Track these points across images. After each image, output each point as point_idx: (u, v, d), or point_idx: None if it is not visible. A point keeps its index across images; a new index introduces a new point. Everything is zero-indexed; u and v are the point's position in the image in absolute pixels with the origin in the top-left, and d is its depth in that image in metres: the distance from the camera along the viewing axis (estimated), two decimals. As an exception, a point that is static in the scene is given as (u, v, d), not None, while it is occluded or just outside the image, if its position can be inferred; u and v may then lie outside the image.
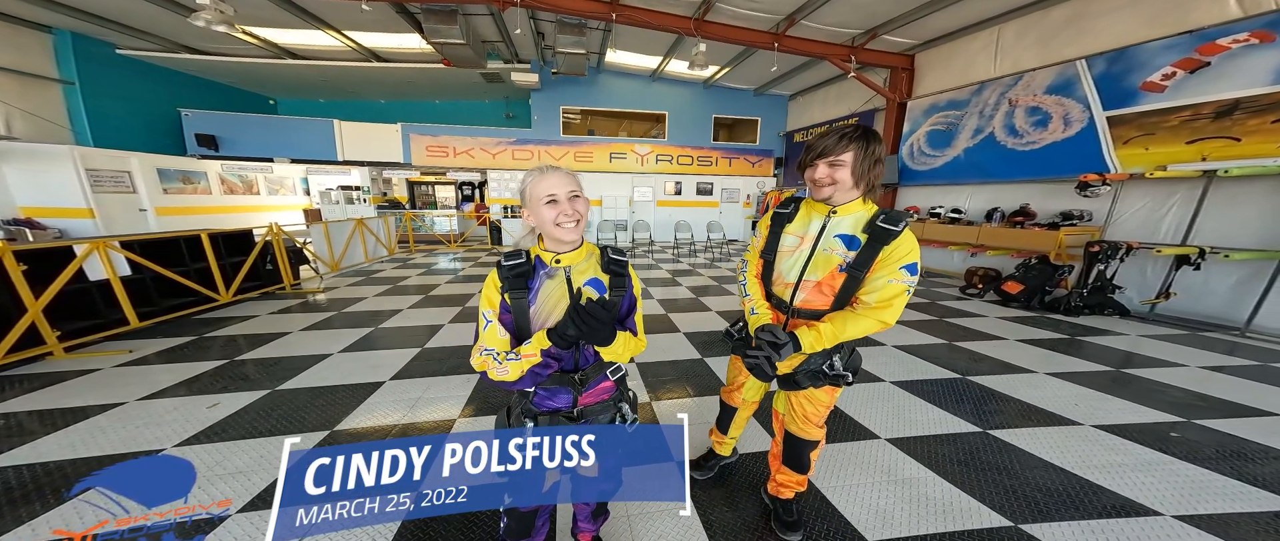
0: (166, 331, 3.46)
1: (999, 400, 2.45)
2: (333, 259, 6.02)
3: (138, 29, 7.00)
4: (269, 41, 7.72)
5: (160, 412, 2.17)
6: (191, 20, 5.19)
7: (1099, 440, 2.04)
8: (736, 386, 1.51)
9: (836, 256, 1.09)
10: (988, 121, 5.87)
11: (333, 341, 3.28)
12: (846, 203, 1.10)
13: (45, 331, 2.84)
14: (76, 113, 7.19)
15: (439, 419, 2.17)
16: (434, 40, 6.59)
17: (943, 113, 6.52)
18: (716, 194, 10.97)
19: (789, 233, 1.20)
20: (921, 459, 1.87)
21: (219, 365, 2.80)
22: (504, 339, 0.92)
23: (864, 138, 1.04)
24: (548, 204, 0.89)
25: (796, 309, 1.18)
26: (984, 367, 2.92)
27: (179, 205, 8.04)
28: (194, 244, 4.08)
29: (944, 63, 6.54)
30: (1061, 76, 4.98)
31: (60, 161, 6.27)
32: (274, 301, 4.48)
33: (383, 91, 10.67)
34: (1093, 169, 4.62)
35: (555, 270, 0.96)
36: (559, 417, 0.99)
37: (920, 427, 2.14)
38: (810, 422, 1.29)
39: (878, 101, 7.64)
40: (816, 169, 1.07)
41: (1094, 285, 4.31)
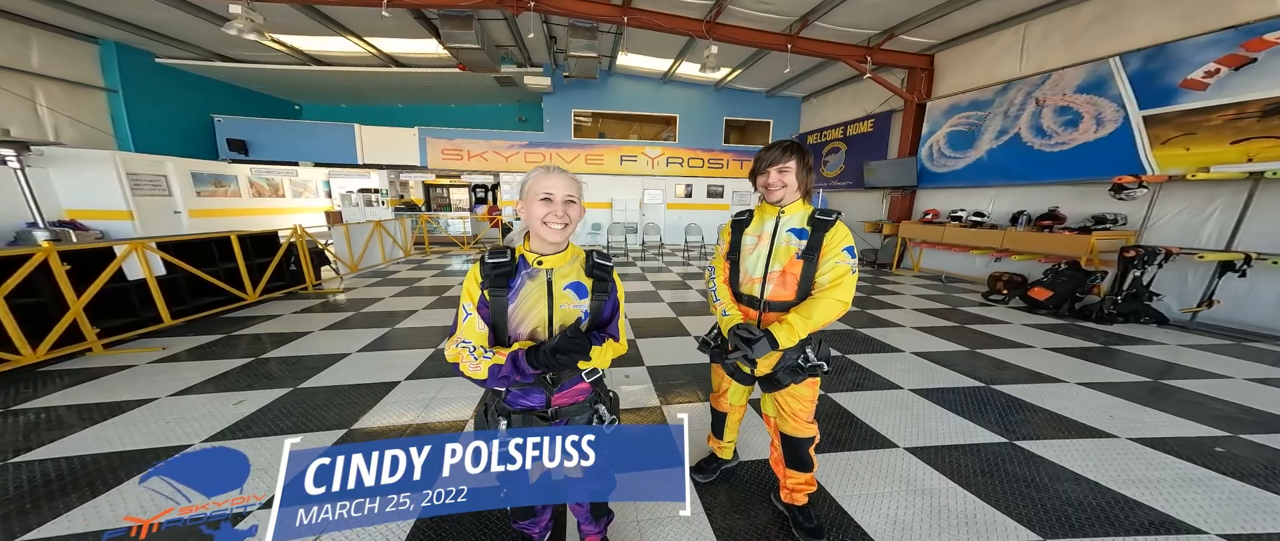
0: (197, 329, 3.60)
1: (1026, 410, 2.35)
2: (352, 260, 6.19)
3: (175, 38, 7.35)
4: (295, 48, 8.01)
5: (189, 409, 2.25)
6: (225, 29, 5.41)
7: (1136, 454, 1.94)
8: (722, 392, 1.58)
9: (792, 246, 1.26)
10: (1013, 122, 5.68)
11: (351, 341, 3.36)
12: (792, 202, 1.29)
13: (86, 329, 2.98)
14: (119, 119, 7.58)
15: (451, 419, 2.19)
16: (450, 45, 6.73)
17: (964, 113, 6.34)
18: (728, 196, 10.90)
19: (748, 234, 1.36)
20: (942, 469, 1.82)
21: (245, 363, 2.90)
22: (482, 333, 0.94)
23: (800, 150, 1.27)
24: (542, 201, 0.91)
25: (767, 301, 1.30)
26: (1009, 376, 2.82)
27: (211, 207, 8.39)
28: (224, 245, 4.25)
29: (966, 62, 6.36)
30: (1093, 75, 4.78)
31: (103, 166, 6.62)
32: (297, 301, 4.63)
33: (401, 96, 10.94)
34: (1128, 170, 4.42)
35: (537, 271, 0.97)
36: (532, 417, 1.01)
37: (941, 437, 2.07)
38: (800, 419, 1.36)
39: (895, 102, 7.48)
40: (769, 176, 1.27)
41: (1129, 292, 4.11)
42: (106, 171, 6.62)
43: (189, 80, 8.60)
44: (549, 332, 0.98)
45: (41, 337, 2.73)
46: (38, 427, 2.01)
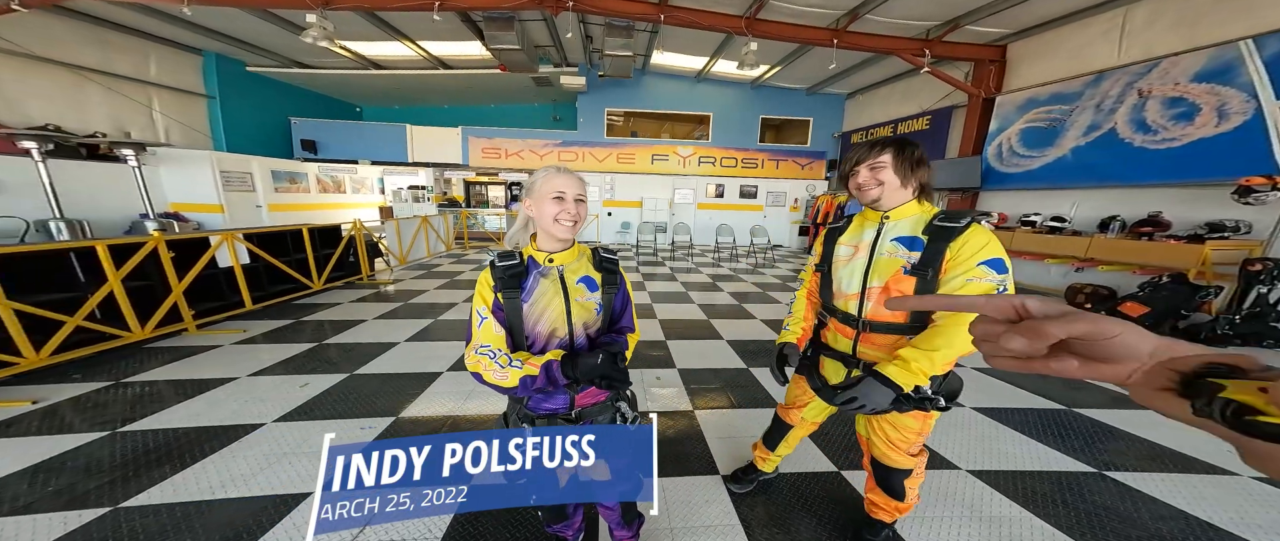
0: (271, 314, 3.97)
1: (1118, 438, 2.10)
2: (401, 253, 6.59)
3: (262, 47, 8.16)
4: (358, 54, 8.63)
5: (263, 389, 2.47)
6: (301, 37, 5.92)
7: (1260, 494, 1.67)
8: (797, 405, 1.44)
9: (898, 258, 1.05)
10: (1107, 116, 5.01)
11: (399, 331, 3.56)
12: (899, 205, 1.08)
13: (184, 311, 3.37)
14: (215, 122, 8.55)
15: (486, 413, 2.26)
16: (493, 46, 6.99)
17: (1044, 107, 5.68)
18: (761, 197, 10.53)
19: (842, 243, 1.19)
20: (1012, 495, 1.65)
21: (309, 348, 3.15)
22: (500, 336, 0.94)
23: (899, 144, 1.07)
24: (554, 200, 0.93)
25: (867, 321, 1.11)
26: (1093, 399, 2.51)
27: (285, 202, 9.24)
28: (296, 237, 4.65)
29: (1046, 52, 5.69)
30: (1216, 61, 4.11)
31: (201, 164, 7.47)
32: (354, 290, 4.99)
33: (446, 97, 11.52)
34: (1259, 170, 3.76)
35: (549, 269, 0.98)
36: (557, 419, 1.01)
37: (1011, 461, 1.88)
38: (896, 449, 1.19)
39: (956, 97, 6.86)
40: (858, 175, 1.09)
41: (1251, 311, 3.51)
42: (204, 169, 7.47)
43: (271, 86, 9.52)
44: (569, 328, 0.98)
45: (148, 317, 3.12)
46: (142, 400, 2.29)
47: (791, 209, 10.63)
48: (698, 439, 2.05)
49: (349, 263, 5.38)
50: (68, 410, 2.16)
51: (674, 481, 1.73)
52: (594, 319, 1.01)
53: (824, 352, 1.27)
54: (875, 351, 1.12)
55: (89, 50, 6.59)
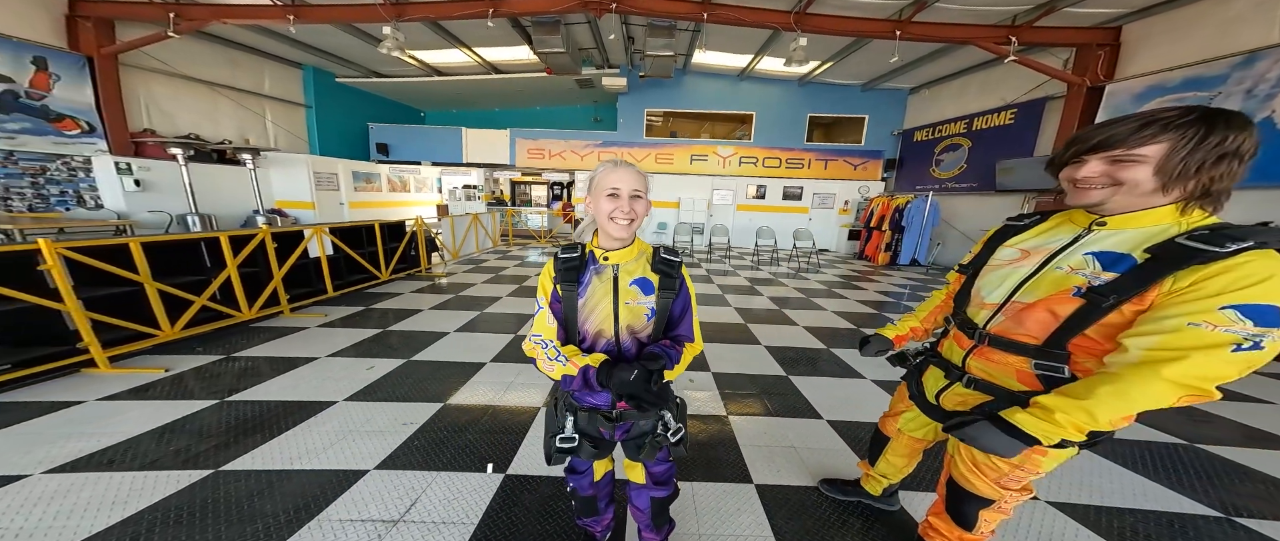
0: (347, 301, 4.44)
1: (1255, 481, 1.76)
2: (454, 248, 7.08)
3: (348, 60, 9.15)
4: (424, 62, 9.36)
5: (337, 370, 2.76)
6: (379, 48, 6.58)
7: None
8: (893, 414, 1.33)
9: (1076, 278, 0.78)
10: (1263, 103, 4.13)
11: (450, 321, 3.83)
12: (1132, 212, 0.76)
13: (282, 295, 3.88)
14: (311, 129, 9.74)
15: (525, 405, 2.35)
16: (540, 50, 7.27)
17: (1174, 95, 4.79)
18: (807, 199, 9.96)
19: (1011, 244, 0.95)
20: (1102, 531, 1.46)
21: (375, 334, 3.48)
22: (552, 327, 0.97)
23: (1194, 124, 0.67)
24: (609, 196, 0.91)
25: (991, 335, 0.91)
26: (1230, 436, 2.14)
27: (362, 200, 10.30)
28: (369, 231, 5.17)
29: (1177, 31, 4.80)
30: None
31: (300, 167, 8.54)
32: (413, 282, 5.44)
33: (497, 100, 12.16)
34: None
35: (603, 267, 0.98)
36: (598, 416, 1.02)
37: (1106, 496, 1.65)
38: (980, 474, 0.97)
39: (1050, 87, 5.99)
40: (1084, 165, 0.77)
41: None
42: (301, 171, 8.54)
43: (354, 94, 10.63)
44: (615, 331, 0.98)
45: (254, 299, 3.64)
46: (246, 374, 2.67)
47: (841, 212, 9.97)
48: (731, 445, 1.99)
49: (410, 256, 5.88)
50: (191, 378, 2.58)
51: (705, 487, 1.70)
52: (643, 324, 0.98)
53: (934, 360, 1.12)
54: (988, 367, 0.93)
55: (221, 68, 7.80)
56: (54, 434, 1.95)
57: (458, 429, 2.12)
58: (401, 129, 11.30)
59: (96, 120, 6.10)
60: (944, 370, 1.05)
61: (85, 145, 6.04)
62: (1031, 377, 0.87)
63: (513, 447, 1.96)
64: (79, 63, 5.86)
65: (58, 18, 5.70)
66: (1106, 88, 5.38)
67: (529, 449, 1.95)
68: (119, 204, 6.20)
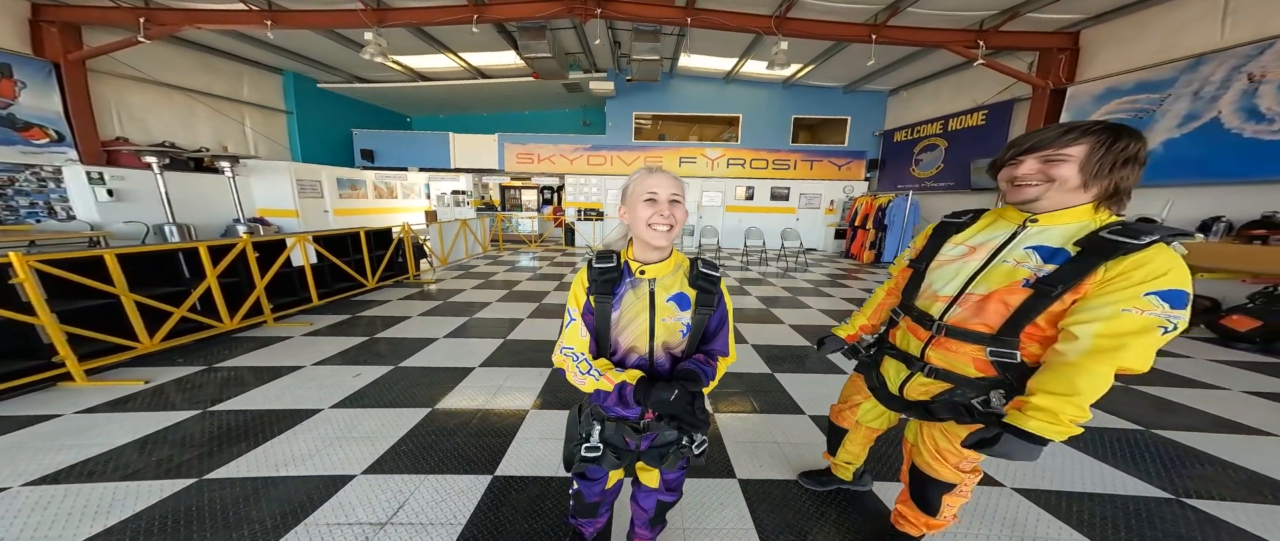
0: (333, 309, 4.40)
1: (1207, 463, 1.88)
2: (443, 254, 7.05)
3: (330, 65, 9.05)
4: (408, 67, 9.31)
5: (323, 378, 2.76)
6: (361, 53, 6.52)
7: None
8: (849, 406, 1.39)
9: (1024, 270, 0.87)
10: (1208, 104, 4.37)
11: (439, 327, 3.83)
12: (1060, 209, 0.86)
13: (264, 304, 3.84)
14: (293, 135, 9.59)
15: (515, 407, 2.38)
16: (526, 55, 7.29)
17: (1128, 97, 5.05)
18: (794, 199, 10.15)
19: (955, 242, 1.03)
20: (1063, 517, 1.53)
21: (362, 341, 3.47)
22: (584, 339, 0.93)
23: (1108, 131, 0.80)
24: (646, 202, 0.87)
25: (947, 326, 0.99)
26: (1179, 420, 2.26)
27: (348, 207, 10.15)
28: (354, 239, 5.13)
29: (1130, 36, 5.06)
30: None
31: (282, 174, 8.40)
32: (401, 289, 5.41)
33: (484, 105, 12.15)
34: None
35: (639, 281, 0.93)
36: (625, 426, 0.99)
37: (1067, 482, 1.74)
38: (942, 460, 1.07)
39: (1016, 90, 6.25)
40: (1021, 164, 0.87)
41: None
42: (283, 179, 8.40)
43: (337, 101, 10.51)
44: (650, 348, 0.94)
45: (236, 310, 3.59)
46: (229, 384, 2.64)
47: (827, 212, 10.18)
48: (715, 441, 2.05)
49: (397, 263, 5.84)
50: (172, 390, 2.55)
51: (690, 482, 1.74)
52: (679, 340, 0.95)
53: (888, 351, 1.17)
54: (946, 357, 1.01)
55: (196, 74, 7.65)
56: (33, 447, 1.92)
57: (446, 433, 2.14)
58: (387, 135, 11.20)
59: (65, 128, 5.94)
60: (904, 362, 1.11)
61: (55, 155, 5.88)
62: (986, 364, 0.95)
63: (501, 450, 1.99)
64: (45, 69, 5.70)
65: (21, 22, 5.54)
66: (1068, 90, 5.64)
67: (517, 450, 1.98)
68: (92, 215, 6.03)
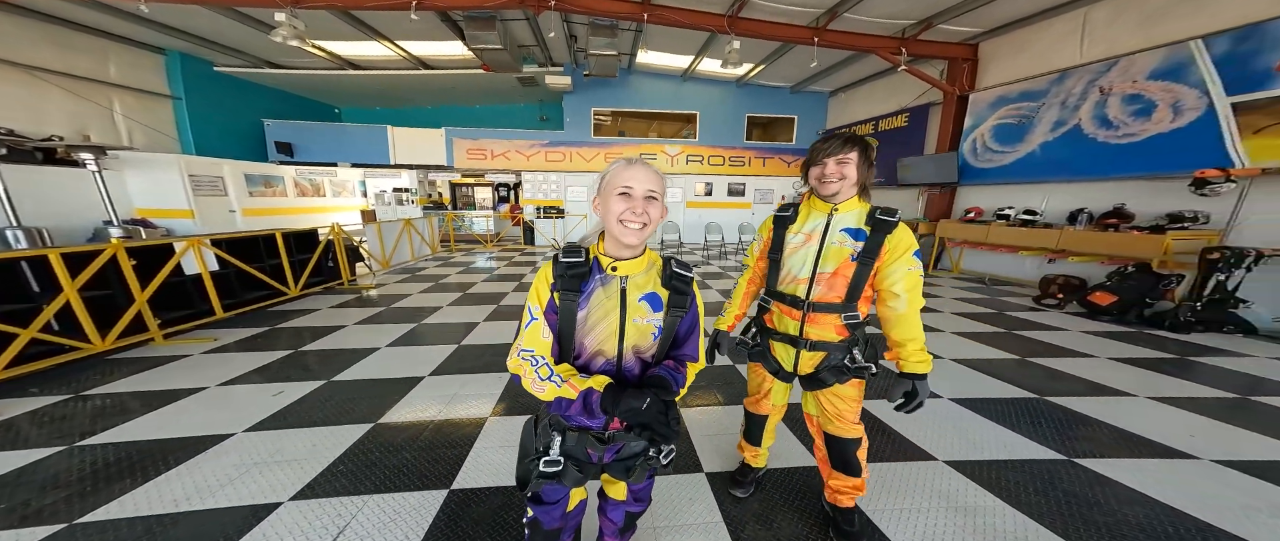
0: (245, 322, 3.83)
1: (1088, 425, 2.15)
2: (384, 257, 6.45)
3: (230, 47, 7.90)
4: (334, 54, 8.43)
5: (234, 399, 2.38)
6: (271, 36, 5.75)
7: (1222, 477, 1.73)
8: (763, 394, 1.48)
9: (846, 248, 1.17)
10: (1072, 113, 5.21)
11: (381, 336, 3.48)
12: (847, 199, 1.19)
13: (149, 320, 3.23)
14: (182, 124, 8.24)
15: (473, 416, 2.22)
16: (474, 46, 6.89)
17: (1014, 105, 5.88)
18: (749, 194, 10.66)
19: (792, 232, 1.26)
20: (987, 485, 1.68)
21: (285, 355, 3.05)
22: (546, 341, 0.85)
23: (863, 143, 1.17)
24: (620, 196, 0.81)
25: (813, 303, 1.23)
26: (1066, 387, 2.59)
27: (261, 206, 8.97)
28: (270, 242, 4.51)
29: (1015, 51, 5.89)
30: (1170, 59, 4.31)
31: (169, 168, 7.20)
32: (333, 296, 4.86)
33: (429, 98, 11.35)
34: (1212, 163, 3.95)
35: (610, 278, 0.87)
36: (588, 436, 0.91)
37: (986, 451, 1.92)
38: (845, 420, 1.30)
39: (932, 95, 7.05)
40: (826, 166, 1.16)
41: (1211, 297, 3.68)
42: (171, 173, 7.20)
43: (242, 87, 9.22)
44: (618, 350, 0.88)
45: (110, 327, 2.98)
46: (104, 412, 2.18)
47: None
48: (682, 436, 2.05)
49: (328, 267, 5.24)
50: (25, 424, 2.05)
51: (656, 480, 1.72)
52: (650, 343, 0.89)
53: (772, 337, 1.35)
54: (818, 330, 1.25)
55: (44, 50, 6.28)
56: None
57: (392, 448, 1.93)
58: (310, 127, 10.04)
59: None
60: (789, 343, 1.30)
61: None
62: (843, 328, 1.24)
63: (458, 461, 1.84)
64: None
65: None
66: (970, 96, 6.46)
67: (477, 460, 1.84)
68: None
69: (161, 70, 7.86)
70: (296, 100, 10.76)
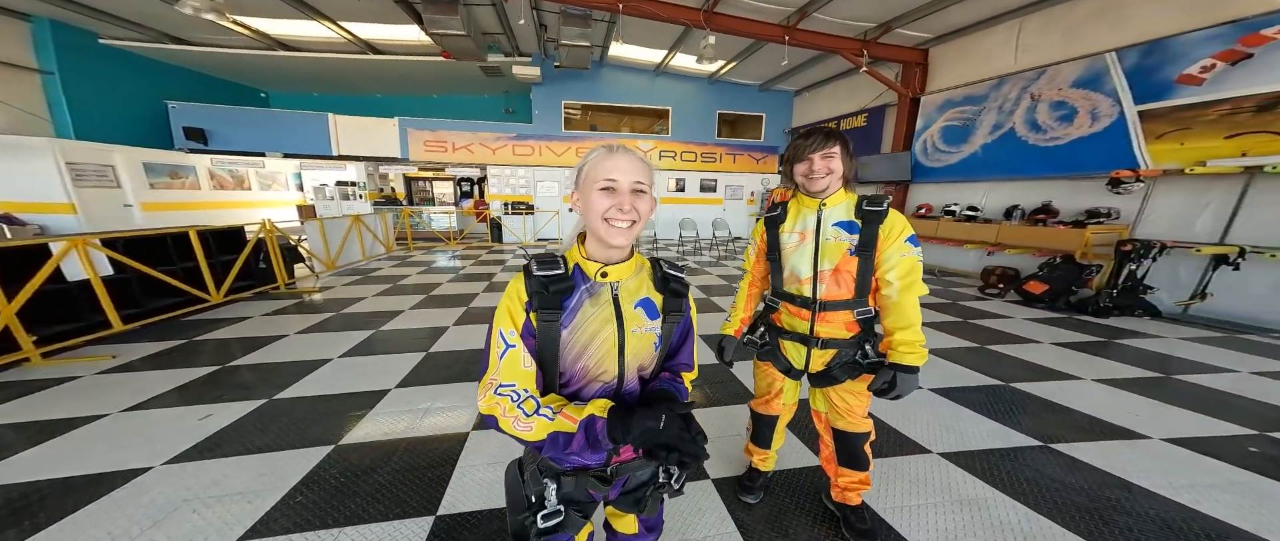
0: (154, 334, 3.25)
1: (1053, 410, 2.30)
2: (329, 257, 5.80)
3: (121, 17, 6.71)
4: (260, 32, 7.44)
5: (148, 425, 1.98)
6: (178, 8, 4.94)
7: (1174, 457, 1.88)
8: (774, 394, 1.41)
9: (842, 242, 1.16)
10: (1007, 117, 5.71)
11: (332, 345, 3.08)
12: (834, 193, 1.18)
13: (20, 336, 2.62)
14: (57, 104, 6.91)
15: (450, 431, 1.99)
16: (434, 31, 6.35)
17: (959, 108, 6.36)
18: (720, 191, 10.79)
19: (785, 231, 1.25)
20: (982, 476, 1.72)
21: (212, 371, 2.60)
22: (529, 371, 0.69)
23: (843, 137, 1.16)
24: (603, 191, 0.68)
25: (822, 302, 1.21)
26: (1024, 373, 2.78)
27: (167, 201, 7.78)
28: (182, 241, 3.85)
29: (960, 57, 6.37)
30: (1089, 70, 4.82)
31: (39, 155, 6.01)
32: (268, 302, 4.27)
33: (379, 85, 10.42)
34: (1122, 164, 4.48)
35: (599, 286, 0.74)
36: (588, 477, 0.76)
37: (973, 441, 1.98)
38: (855, 415, 1.29)
39: (888, 97, 7.48)
40: (812, 162, 1.14)
41: (1124, 285, 4.17)
42: (43, 161, 6.02)
43: (138, 63, 7.92)
44: (620, 368, 0.74)
45: (-34, 347, 2.38)
46: (-40, 454, 1.72)
47: (748, 202, 10.98)
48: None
49: (259, 270, 4.59)
50: None
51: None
52: (651, 355, 0.78)
53: (781, 335, 1.32)
54: (829, 328, 1.23)
55: None
56: None
57: (360, 472, 1.68)
58: (227, 111, 8.84)
59: None
60: (800, 342, 1.28)
61: None
62: (854, 324, 1.22)
63: (441, 483, 1.63)
64: None
65: None
66: (922, 99, 6.93)
67: (463, 480, 1.64)
68: None
69: (26, 39, 6.53)
70: (211, 81, 9.44)
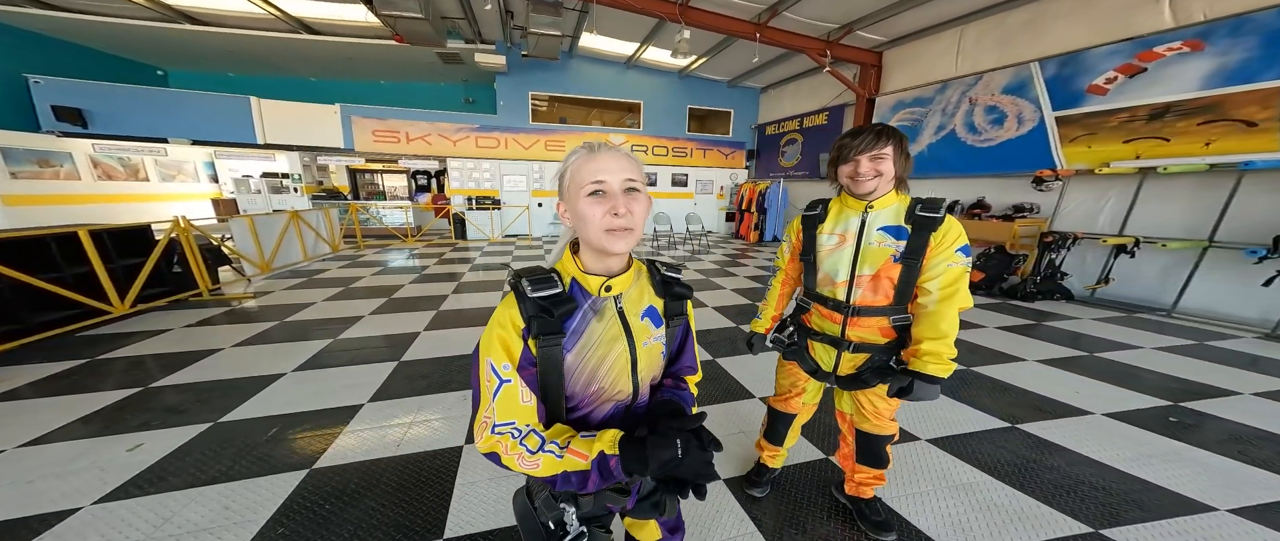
0: (42, 354, 2.70)
1: (1012, 393, 2.46)
2: (262, 258, 5.12)
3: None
4: (160, 2, 6.33)
5: (61, 461, 1.65)
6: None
7: (1116, 431, 2.07)
8: (796, 392, 1.42)
9: (887, 248, 1.10)
10: (949, 118, 6.24)
11: (282, 358, 2.73)
12: (884, 195, 1.12)
13: None
14: None
15: (440, 446, 1.83)
16: (385, 12, 5.76)
17: (908, 109, 6.86)
18: (692, 185, 10.88)
19: (824, 232, 1.20)
20: (969, 460, 1.83)
21: (128, 395, 2.21)
22: (529, 406, 0.63)
23: (897, 135, 1.08)
24: (593, 197, 0.61)
25: (856, 307, 1.17)
26: (980, 357, 2.99)
27: (37, 193, 6.50)
28: (68, 242, 3.20)
29: (910, 61, 6.84)
30: (1017, 78, 5.37)
31: None
32: (189, 311, 3.70)
33: (312, 67, 9.32)
34: (1043, 164, 5.05)
35: (603, 302, 0.68)
36: (605, 493, 0.72)
37: (954, 426, 2.10)
38: (882, 418, 1.29)
39: (847, 97, 7.89)
40: (860, 164, 1.08)
41: (1046, 273, 4.73)
42: None
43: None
44: (633, 387, 0.70)
45: None
46: None
47: (718, 197, 11.15)
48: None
49: (173, 274, 3.95)
50: None
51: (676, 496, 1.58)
52: (659, 365, 0.75)
53: (811, 337, 1.30)
54: (861, 333, 1.20)
55: None
56: None
57: (348, 497, 1.51)
58: (112, 89, 7.49)
59: None
60: (831, 344, 1.25)
61: None
62: (890, 330, 1.18)
63: (442, 504, 1.50)
64: None
65: None
66: (877, 99, 7.39)
67: (465, 499, 1.52)
68: None
69: None
70: (89, 53, 7.96)
